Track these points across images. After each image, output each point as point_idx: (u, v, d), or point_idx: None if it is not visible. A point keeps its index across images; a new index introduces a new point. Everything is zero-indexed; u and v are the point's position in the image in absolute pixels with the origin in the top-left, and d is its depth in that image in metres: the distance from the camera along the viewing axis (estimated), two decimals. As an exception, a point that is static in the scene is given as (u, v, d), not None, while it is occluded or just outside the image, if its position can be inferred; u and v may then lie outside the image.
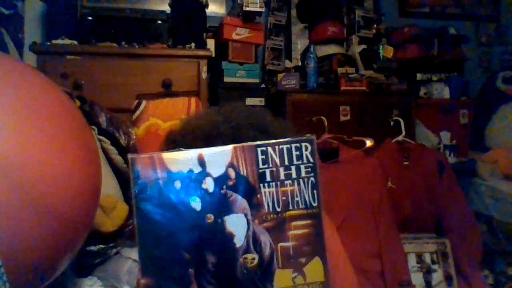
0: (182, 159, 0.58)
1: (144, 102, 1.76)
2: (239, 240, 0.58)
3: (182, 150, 0.59)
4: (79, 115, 1.23)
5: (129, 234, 1.61)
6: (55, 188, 0.99)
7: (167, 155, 0.58)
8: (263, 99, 2.08)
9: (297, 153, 0.59)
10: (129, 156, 0.57)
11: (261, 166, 0.59)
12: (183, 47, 1.88)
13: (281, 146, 0.59)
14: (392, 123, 2.09)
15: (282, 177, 0.59)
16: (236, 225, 0.58)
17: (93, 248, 1.50)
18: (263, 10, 2.04)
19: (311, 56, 2.26)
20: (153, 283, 0.56)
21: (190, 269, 0.57)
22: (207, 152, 0.58)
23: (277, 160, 0.59)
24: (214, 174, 0.58)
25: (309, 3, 2.54)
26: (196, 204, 0.58)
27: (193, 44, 1.89)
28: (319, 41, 2.44)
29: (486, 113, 2.56)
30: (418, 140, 2.25)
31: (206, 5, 1.98)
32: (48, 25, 1.97)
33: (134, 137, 1.67)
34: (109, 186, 1.53)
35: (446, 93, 2.50)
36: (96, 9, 1.92)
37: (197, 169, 0.58)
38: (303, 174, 0.59)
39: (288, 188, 0.59)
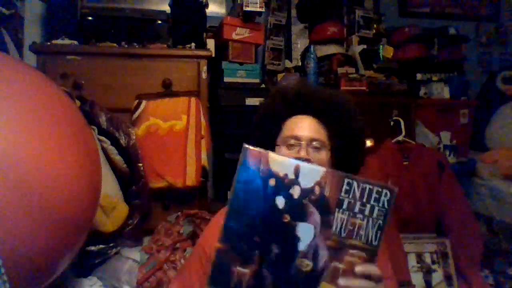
0: (283, 164, 0.69)
1: (144, 102, 1.76)
2: (303, 245, 0.67)
3: (286, 157, 0.71)
4: (79, 115, 1.23)
5: (129, 234, 1.62)
6: (55, 188, 0.99)
7: (273, 156, 0.69)
8: (263, 99, 2.08)
9: (376, 196, 0.69)
10: (244, 145, 0.69)
11: (342, 194, 0.68)
12: (183, 47, 1.88)
13: (364, 185, 0.69)
14: (392, 123, 2.09)
15: (356, 210, 0.68)
16: (305, 232, 0.68)
17: (93, 248, 1.50)
18: (263, 10, 2.04)
19: (311, 56, 2.26)
20: (226, 249, 0.68)
21: (256, 251, 0.67)
22: (304, 165, 0.70)
23: (357, 195, 0.69)
24: (302, 185, 0.68)
25: (309, 3, 2.54)
26: (280, 202, 0.68)
27: (193, 44, 1.89)
28: (319, 41, 2.44)
29: (486, 113, 2.56)
30: (418, 140, 2.24)
31: (206, 5, 1.98)
32: (48, 25, 1.97)
33: (134, 137, 1.67)
34: (109, 186, 1.53)
35: (446, 93, 2.49)
36: (96, 9, 1.92)
37: (291, 176, 0.68)
38: (374, 215, 0.68)
39: (358, 221, 0.68)
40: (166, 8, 2.01)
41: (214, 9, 2.33)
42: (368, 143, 1.91)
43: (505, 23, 3.05)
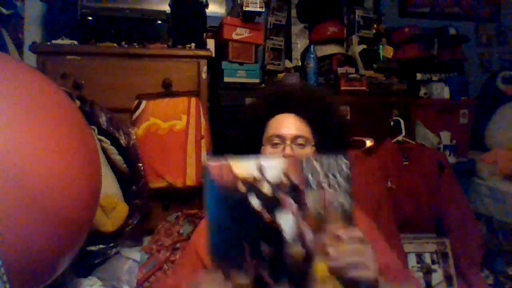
0: (246, 167, 0.70)
1: (144, 102, 1.76)
2: (289, 235, 0.70)
3: (245, 158, 0.72)
4: (79, 115, 1.23)
5: (129, 234, 1.62)
6: (55, 188, 0.99)
7: (234, 163, 0.70)
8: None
9: (336, 165, 0.72)
10: (203, 164, 0.73)
11: (306, 174, 0.71)
12: (183, 47, 1.88)
13: (321, 159, 0.72)
14: (392, 123, 2.09)
15: (323, 184, 0.71)
16: (287, 223, 0.70)
17: (93, 248, 1.50)
18: (263, 10, 2.03)
19: (311, 56, 2.26)
20: (220, 267, 0.69)
21: (249, 259, 0.69)
22: (264, 162, 0.71)
23: (319, 170, 0.71)
24: (270, 180, 0.70)
25: (309, 3, 2.54)
26: (255, 203, 0.70)
27: (193, 44, 1.89)
28: (319, 41, 2.43)
29: (486, 113, 2.56)
30: (418, 140, 2.24)
31: (206, 5, 1.98)
32: (48, 25, 1.97)
33: (134, 137, 1.67)
34: (109, 186, 1.53)
35: (446, 93, 2.49)
36: (96, 9, 1.92)
37: (258, 175, 0.70)
38: (340, 183, 0.71)
39: (328, 194, 0.71)
40: (166, 8, 2.01)
41: (214, 9, 2.33)
42: (368, 143, 1.91)
43: (505, 23, 3.05)
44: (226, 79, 2.05)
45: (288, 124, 1.04)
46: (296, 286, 0.70)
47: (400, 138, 2.01)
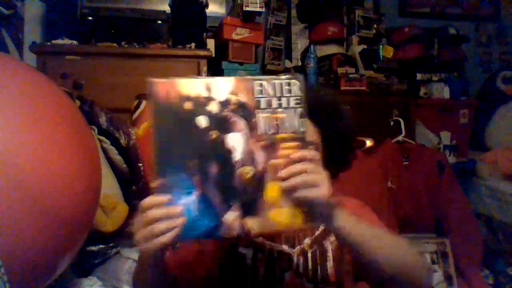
0: (193, 85, 0.68)
1: (144, 102, 1.76)
2: (237, 155, 0.68)
3: (194, 78, 0.70)
4: (79, 115, 1.23)
5: (129, 234, 1.61)
6: (55, 188, 0.99)
7: (181, 81, 0.68)
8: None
9: (287, 87, 0.71)
10: (149, 80, 0.68)
11: (257, 95, 0.70)
12: (183, 47, 1.88)
13: (274, 81, 0.71)
14: (392, 123, 2.09)
15: (274, 105, 0.70)
16: (235, 142, 0.68)
17: (93, 248, 1.50)
18: (263, 10, 2.04)
19: (311, 56, 2.26)
20: (164, 184, 0.66)
21: (194, 176, 0.67)
22: (212, 80, 0.70)
23: (271, 92, 0.71)
24: (218, 98, 0.68)
25: (309, 3, 2.54)
26: (202, 122, 0.68)
27: (193, 44, 1.89)
28: (319, 41, 2.43)
29: (486, 113, 2.56)
30: (418, 140, 2.24)
31: (206, 5, 1.98)
32: (48, 25, 1.97)
33: (134, 137, 1.66)
34: (109, 186, 1.53)
35: (446, 93, 2.49)
36: (96, 9, 1.92)
37: (205, 94, 0.68)
38: (292, 104, 0.71)
39: (280, 115, 0.70)
40: (166, 8, 2.01)
41: (214, 9, 2.33)
42: (368, 143, 1.91)
43: (505, 23, 3.05)
44: (226, 79, 2.05)
45: None
46: (245, 207, 0.68)
47: (400, 138, 2.01)
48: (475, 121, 2.53)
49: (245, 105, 0.69)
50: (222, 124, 0.68)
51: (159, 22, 1.93)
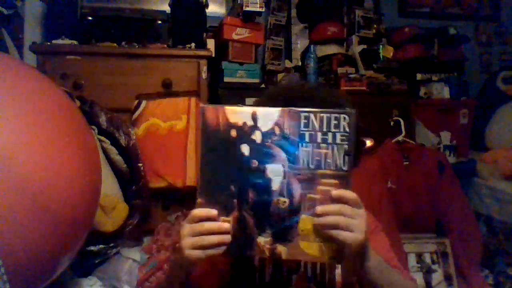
0: (240, 113, 0.71)
1: (144, 102, 1.76)
2: (275, 185, 0.71)
3: (241, 106, 0.73)
4: (79, 115, 1.23)
5: (129, 234, 1.61)
6: (55, 188, 0.99)
7: (229, 108, 0.72)
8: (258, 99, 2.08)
9: (335, 122, 0.71)
10: (200, 105, 0.78)
11: (302, 128, 0.71)
12: (183, 47, 1.88)
13: (321, 115, 0.71)
14: (392, 123, 2.09)
15: (319, 140, 0.71)
16: (275, 172, 0.71)
17: (93, 248, 1.50)
18: (263, 10, 2.04)
19: (311, 56, 2.26)
20: (209, 202, 0.71)
21: (234, 200, 0.71)
22: (259, 110, 0.72)
23: (317, 126, 0.71)
24: (263, 128, 0.71)
25: (309, 3, 2.54)
26: (245, 150, 0.71)
27: (193, 44, 1.89)
28: (319, 41, 2.43)
29: (486, 113, 2.56)
30: (418, 140, 2.24)
31: (206, 5, 1.98)
32: (48, 25, 1.97)
33: (134, 137, 1.67)
34: (109, 186, 1.53)
35: (446, 93, 2.49)
36: (96, 9, 1.91)
37: (250, 123, 0.71)
38: (337, 141, 0.71)
39: (323, 151, 0.71)
40: (166, 8, 2.01)
41: (214, 9, 2.33)
42: (368, 143, 1.91)
43: (505, 23, 3.05)
44: (226, 79, 2.05)
45: None
46: (278, 233, 0.71)
47: (400, 138, 2.01)
48: (475, 121, 2.53)
49: (288, 137, 0.71)
50: (263, 154, 0.71)
51: (159, 22, 1.93)
